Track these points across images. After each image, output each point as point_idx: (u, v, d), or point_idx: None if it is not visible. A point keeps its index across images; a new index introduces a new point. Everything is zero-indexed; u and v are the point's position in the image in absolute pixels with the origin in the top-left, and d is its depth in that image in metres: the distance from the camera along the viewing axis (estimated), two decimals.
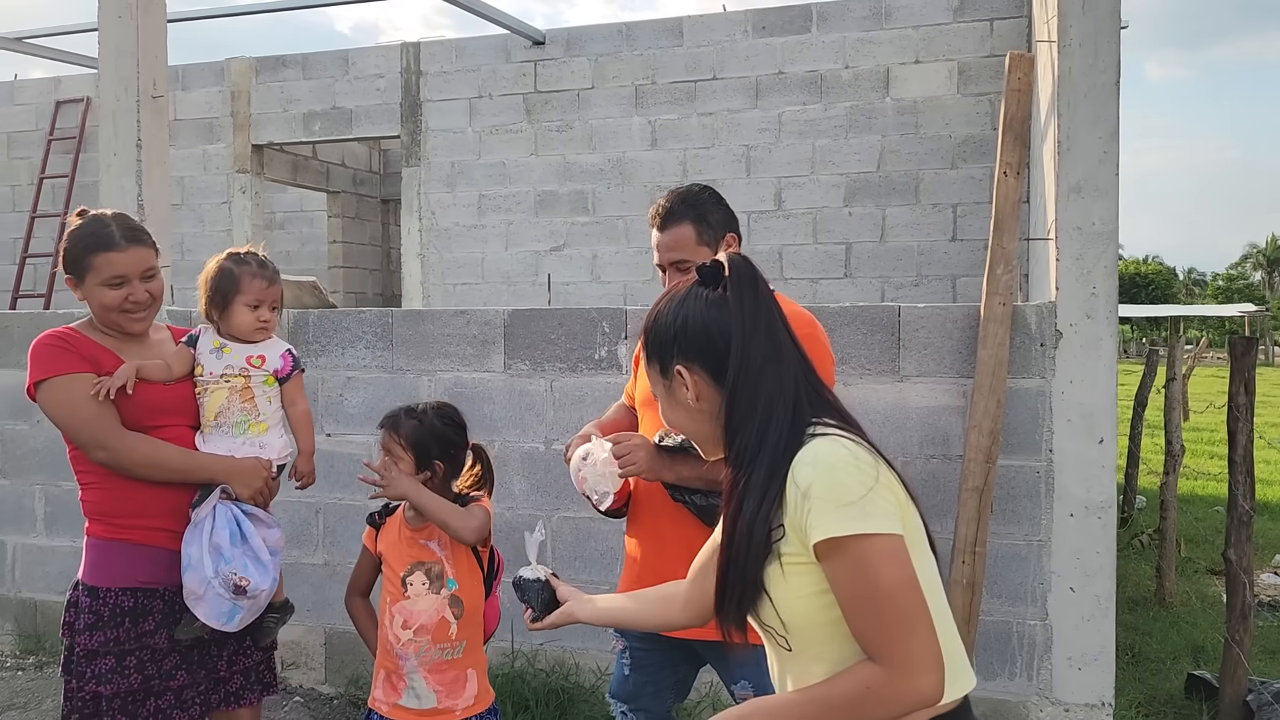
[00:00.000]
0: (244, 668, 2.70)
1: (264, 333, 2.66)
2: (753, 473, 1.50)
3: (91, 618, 2.51)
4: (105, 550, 2.56)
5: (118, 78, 4.59)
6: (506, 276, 9.21)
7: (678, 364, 1.61)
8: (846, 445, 1.48)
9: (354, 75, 9.66)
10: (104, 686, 2.49)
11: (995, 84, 7.69)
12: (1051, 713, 3.48)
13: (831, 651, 1.48)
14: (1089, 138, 3.39)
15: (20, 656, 4.67)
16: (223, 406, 2.61)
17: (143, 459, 2.51)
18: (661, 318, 1.65)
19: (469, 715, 2.54)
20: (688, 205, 2.55)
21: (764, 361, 1.54)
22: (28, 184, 10.88)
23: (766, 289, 1.62)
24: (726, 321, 1.56)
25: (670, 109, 8.64)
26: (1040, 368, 3.47)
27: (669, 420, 1.69)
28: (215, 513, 2.54)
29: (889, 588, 1.38)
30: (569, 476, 3.90)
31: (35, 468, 4.80)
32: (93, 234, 2.54)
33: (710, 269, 1.62)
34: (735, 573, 1.51)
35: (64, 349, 2.52)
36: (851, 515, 1.39)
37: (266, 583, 2.55)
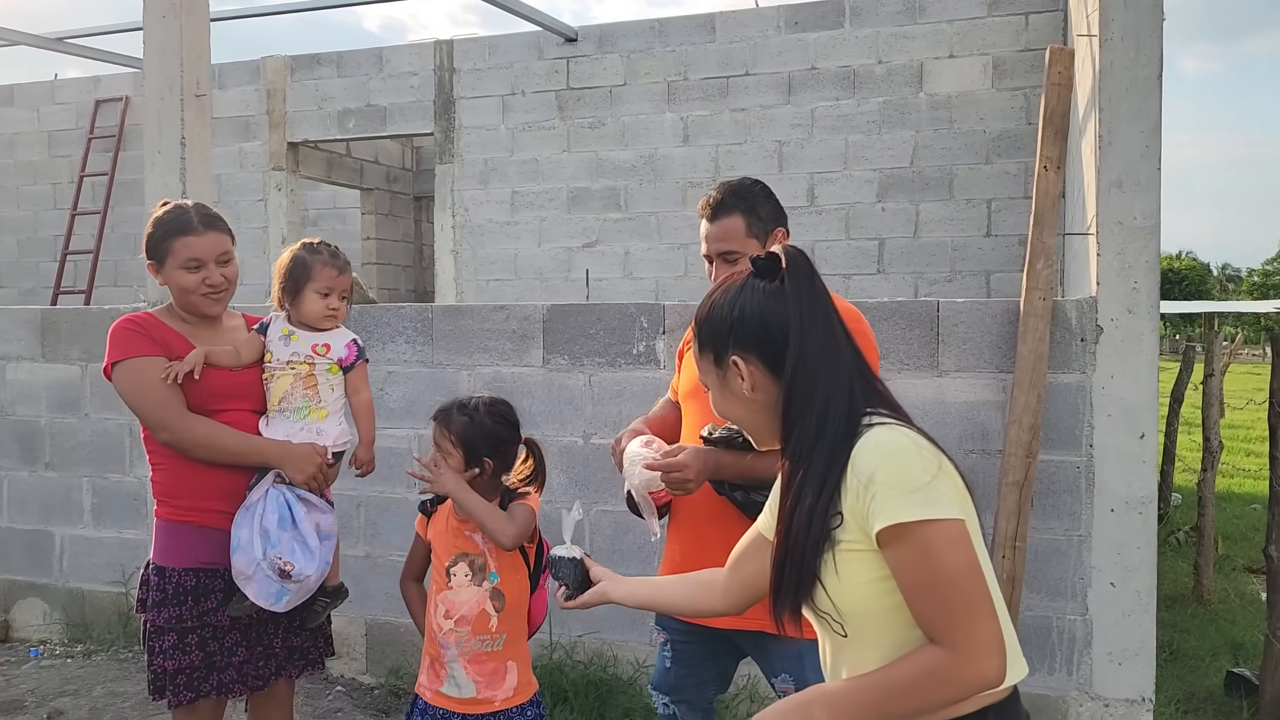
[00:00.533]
0: (294, 645, 2.79)
1: (332, 320, 2.74)
2: (811, 463, 1.52)
3: (159, 595, 2.63)
4: (171, 531, 2.67)
5: (162, 77, 4.67)
6: (539, 273, 9.26)
7: (733, 354, 1.62)
8: (907, 433, 1.50)
9: (388, 73, 9.74)
10: (168, 661, 2.61)
11: (1030, 78, 7.65)
12: (1091, 708, 3.47)
13: (888, 638, 1.49)
14: (1131, 132, 3.38)
15: (69, 645, 4.77)
16: (286, 392, 2.69)
17: (201, 440, 2.59)
18: (717, 308, 1.66)
19: (508, 706, 2.57)
20: (739, 197, 2.56)
21: (821, 353, 1.56)
22: (68, 182, 11.05)
23: (821, 282, 1.64)
24: (784, 313, 1.58)
25: (702, 105, 8.65)
26: (1081, 363, 3.47)
27: (721, 410, 1.71)
28: (267, 496, 2.61)
29: (954, 572, 1.40)
30: (607, 470, 3.96)
31: (83, 460, 4.89)
32: (173, 220, 2.66)
33: (766, 261, 1.64)
34: (793, 562, 1.53)
35: (138, 332, 2.63)
36: (917, 501, 1.41)
37: (312, 568, 2.61)
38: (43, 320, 4.97)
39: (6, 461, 5.04)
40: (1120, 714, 3.45)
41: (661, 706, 2.72)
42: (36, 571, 5.00)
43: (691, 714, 2.69)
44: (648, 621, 3.97)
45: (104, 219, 10.59)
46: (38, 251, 11.34)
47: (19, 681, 4.28)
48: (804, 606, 1.57)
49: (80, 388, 4.88)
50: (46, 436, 4.96)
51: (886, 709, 1.45)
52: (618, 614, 4.04)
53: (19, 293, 11.33)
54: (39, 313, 5.00)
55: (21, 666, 4.50)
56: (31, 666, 4.50)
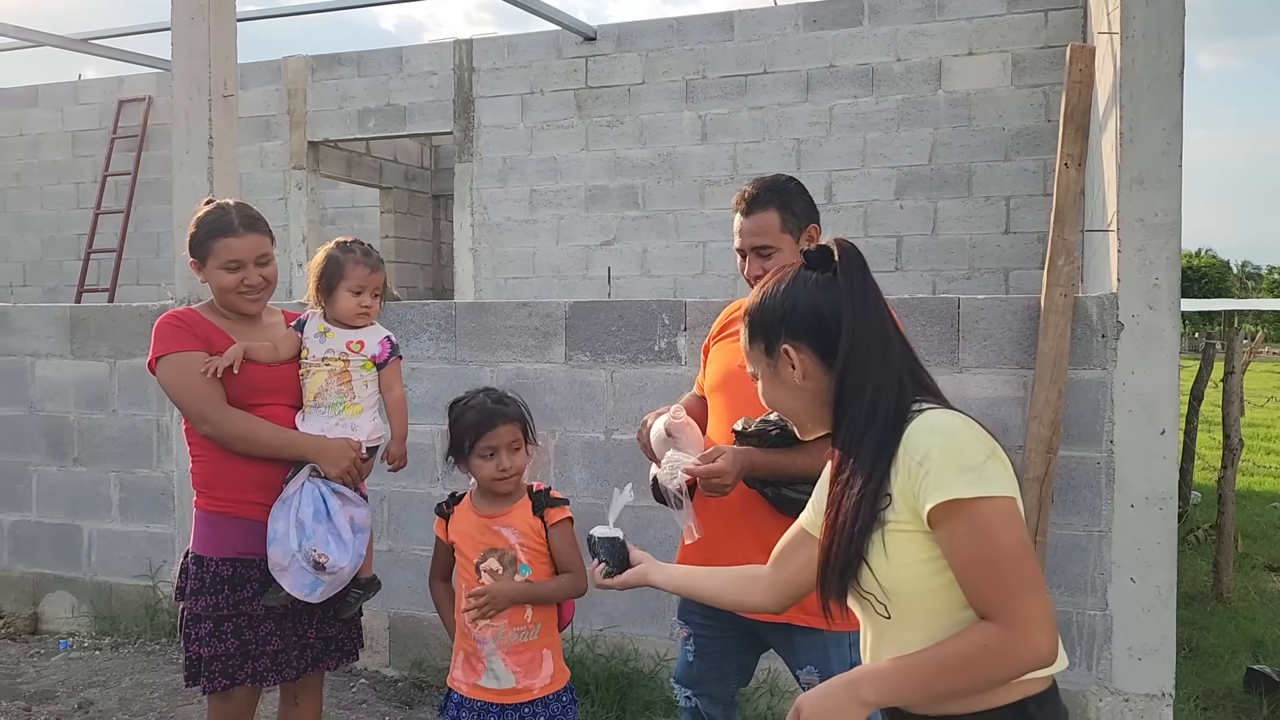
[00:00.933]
0: (327, 636, 2.84)
1: (365, 318, 2.79)
2: (861, 450, 1.56)
3: (196, 584, 2.69)
4: (209, 522, 2.73)
5: (190, 78, 4.73)
6: (557, 271, 9.30)
7: (785, 343, 1.65)
8: (960, 416, 1.55)
9: (407, 72, 9.80)
10: (204, 649, 2.67)
11: (1049, 76, 7.63)
12: (1111, 703, 3.49)
13: (933, 620, 1.51)
14: (1152, 129, 3.39)
15: (97, 637, 4.84)
16: (321, 388, 2.75)
17: (240, 434, 2.66)
18: (769, 299, 1.69)
19: (546, 694, 2.59)
20: (773, 192, 2.60)
21: (873, 342, 1.60)
22: (91, 181, 11.16)
23: (872, 276, 1.67)
24: (836, 303, 1.62)
25: (720, 103, 8.67)
26: (1101, 359, 3.48)
27: (770, 400, 1.74)
28: (303, 490, 2.66)
29: (1009, 548, 1.43)
30: (628, 466, 4.00)
31: (110, 456, 4.96)
32: (215, 220, 2.72)
33: (818, 253, 1.68)
34: (840, 546, 1.56)
35: (181, 328, 2.71)
36: (973, 479, 1.44)
37: (346, 560, 2.66)
38: (71, 317, 5.04)
39: (36, 457, 5.12)
40: (1140, 709, 3.46)
41: (684, 699, 2.74)
42: (65, 565, 5.08)
43: (713, 707, 2.72)
44: (668, 615, 4.00)
45: (127, 218, 10.69)
46: (62, 250, 11.46)
47: (49, 672, 4.35)
48: (849, 590, 1.59)
49: (108, 384, 4.95)
50: (75, 432, 5.03)
51: (938, 686, 1.47)
52: (638, 608, 4.08)
53: (43, 291, 11.44)
54: (68, 310, 5.07)
55: (51, 658, 4.58)
56: (61, 658, 4.57)
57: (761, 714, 3.78)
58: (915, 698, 1.50)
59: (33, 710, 3.89)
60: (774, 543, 2.45)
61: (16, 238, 11.72)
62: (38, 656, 4.61)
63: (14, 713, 3.84)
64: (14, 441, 5.16)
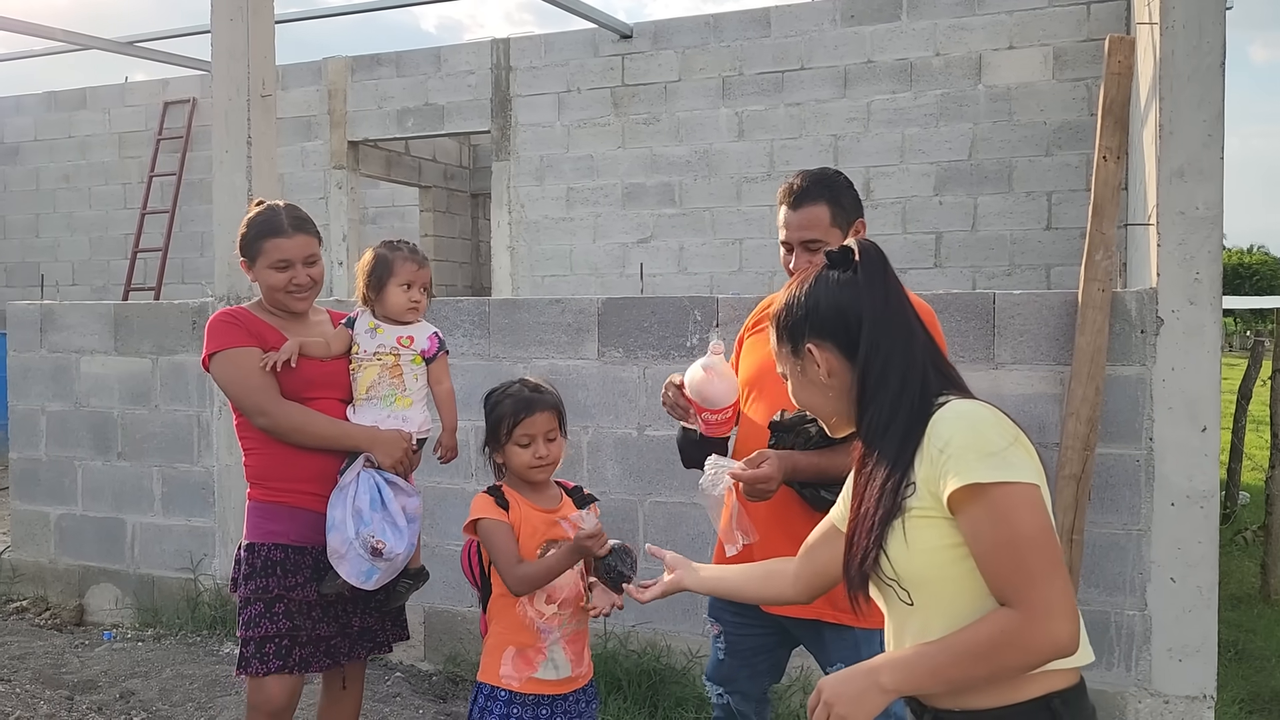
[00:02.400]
0: (368, 625, 2.89)
1: (415, 313, 2.86)
2: (885, 443, 1.58)
3: (248, 569, 2.76)
4: (263, 511, 2.80)
5: (229, 78, 4.79)
6: (594, 268, 9.32)
7: (809, 342, 1.68)
8: (984, 405, 1.56)
9: (446, 72, 9.87)
10: (253, 631, 2.72)
11: (1092, 69, 7.52)
12: (1150, 704, 3.43)
13: (954, 607, 1.50)
14: (1192, 121, 3.33)
15: (139, 629, 4.93)
16: (374, 381, 2.83)
17: (297, 426, 2.74)
18: (793, 300, 1.73)
19: (585, 682, 2.62)
20: (823, 186, 2.55)
21: (894, 339, 1.62)
22: (138, 182, 11.37)
23: (894, 273, 1.69)
24: (858, 301, 1.65)
25: (757, 100, 8.64)
26: (1140, 355, 3.42)
27: (800, 399, 1.77)
28: (359, 479, 2.72)
29: (1031, 533, 1.42)
30: (661, 461, 4.00)
31: (153, 451, 5.05)
32: (265, 221, 2.81)
33: (839, 253, 1.71)
34: (861, 534, 1.58)
35: (235, 325, 2.79)
36: (994, 464, 1.45)
37: (402, 547, 2.72)
38: (115, 315, 5.13)
39: (81, 451, 5.22)
40: (1180, 711, 3.40)
41: (715, 696, 2.74)
42: (109, 558, 5.17)
43: (745, 704, 2.71)
44: (700, 612, 3.99)
45: (172, 218, 10.87)
46: (109, 250, 11.68)
47: (93, 663, 4.44)
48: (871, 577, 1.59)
49: (151, 380, 5.04)
50: (118, 427, 5.12)
51: (956, 674, 1.46)
52: (670, 605, 4.07)
53: (91, 290, 11.67)
54: (112, 307, 5.17)
55: (95, 649, 4.67)
56: (104, 649, 4.66)
57: (794, 712, 3.76)
58: (934, 685, 1.50)
59: (75, 699, 3.97)
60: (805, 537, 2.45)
61: (66, 237, 11.97)
62: (82, 647, 4.70)
63: (57, 701, 3.92)
64: (60, 436, 5.26)
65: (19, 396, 5.38)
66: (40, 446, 5.32)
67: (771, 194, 8.52)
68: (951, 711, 1.54)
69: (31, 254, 12.15)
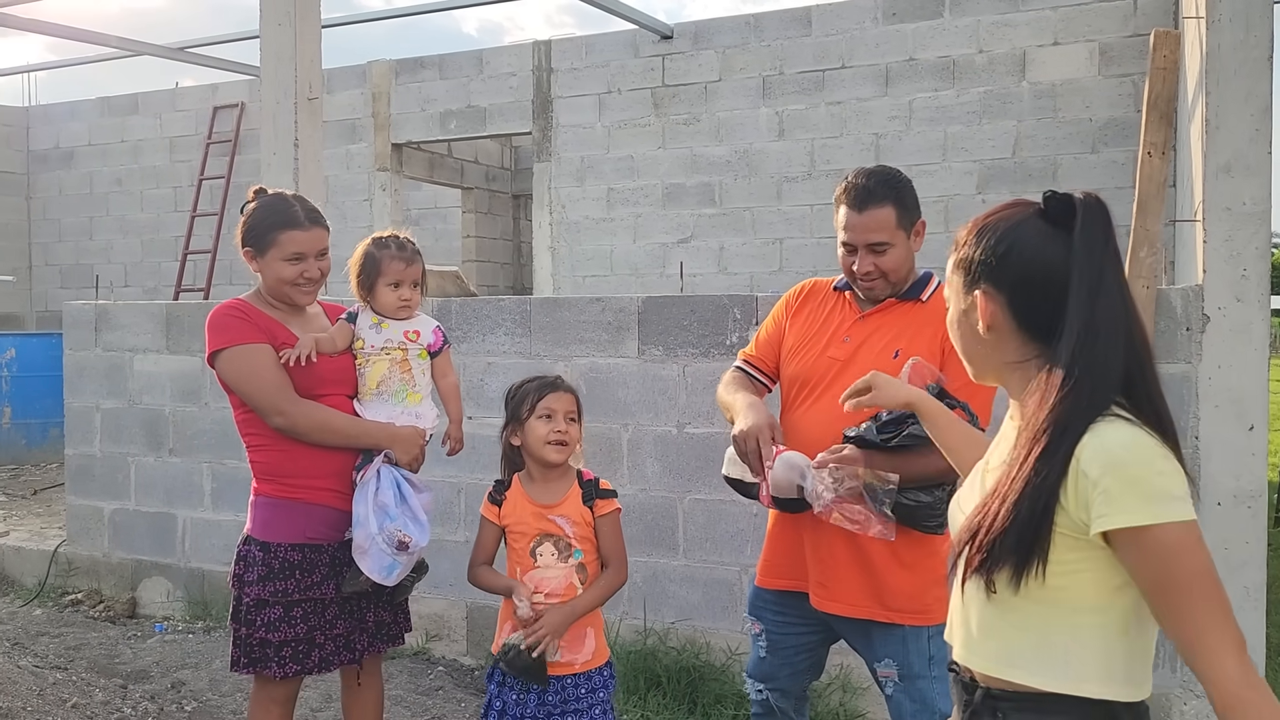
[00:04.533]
0: (381, 619, 2.89)
1: (406, 310, 2.83)
2: (1063, 444, 1.40)
3: (264, 570, 2.71)
4: (276, 508, 2.75)
5: (277, 82, 4.89)
6: (635, 268, 9.35)
7: (982, 288, 1.51)
8: (1153, 441, 1.40)
9: (488, 74, 9.96)
10: (272, 634, 2.70)
11: (1139, 65, 7.40)
12: (1197, 706, 3.39)
13: (1041, 617, 1.45)
14: (1239, 115, 3.29)
15: (190, 621, 5.04)
16: (384, 376, 2.82)
17: (317, 425, 2.71)
18: (987, 232, 1.53)
19: (587, 669, 2.67)
20: (888, 186, 2.48)
21: (1105, 326, 1.42)
22: (188, 185, 11.58)
23: (1116, 243, 1.48)
24: (1060, 265, 1.45)
25: (798, 99, 8.62)
26: (1186, 352, 3.38)
27: (951, 329, 1.61)
28: (379, 475, 2.73)
29: (1191, 577, 1.35)
30: (700, 459, 4.02)
31: (203, 447, 5.16)
32: (279, 212, 2.75)
33: (1061, 202, 1.49)
34: (1019, 527, 1.42)
35: (242, 320, 2.73)
36: (1160, 504, 1.35)
37: (424, 540, 2.75)
38: (167, 314, 5.25)
39: (134, 448, 5.34)
40: None
41: (755, 693, 2.74)
42: (161, 552, 5.29)
43: (785, 701, 2.71)
44: (740, 609, 4.01)
45: (221, 220, 11.07)
46: (160, 252, 11.91)
47: (145, 654, 4.54)
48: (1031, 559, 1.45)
49: (201, 378, 5.15)
50: (170, 424, 5.24)
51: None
52: (710, 601, 4.09)
53: (143, 291, 11.91)
54: (164, 307, 5.29)
55: (147, 640, 4.78)
56: (156, 641, 4.77)
57: (834, 710, 3.76)
58: None
59: (129, 688, 4.07)
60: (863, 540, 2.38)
61: (119, 240, 12.23)
62: (135, 639, 4.81)
63: (112, 689, 4.02)
64: (114, 433, 5.39)
65: (75, 394, 5.52)
66: (95, 443, 5.45)
67: (812, 194, 8.56)
68: (1003, 691, 1.49)
69: (86, 256, 12.43)
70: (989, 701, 1.52)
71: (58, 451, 8.57)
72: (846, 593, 2.48)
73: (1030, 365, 1.50)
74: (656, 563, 4.18)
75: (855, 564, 2.47)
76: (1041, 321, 1.46)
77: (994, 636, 1.50)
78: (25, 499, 7.54)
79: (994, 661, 1.51)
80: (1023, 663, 1.47)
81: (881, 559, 2.45)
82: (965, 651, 1.56)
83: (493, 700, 2.70)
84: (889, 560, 2.45)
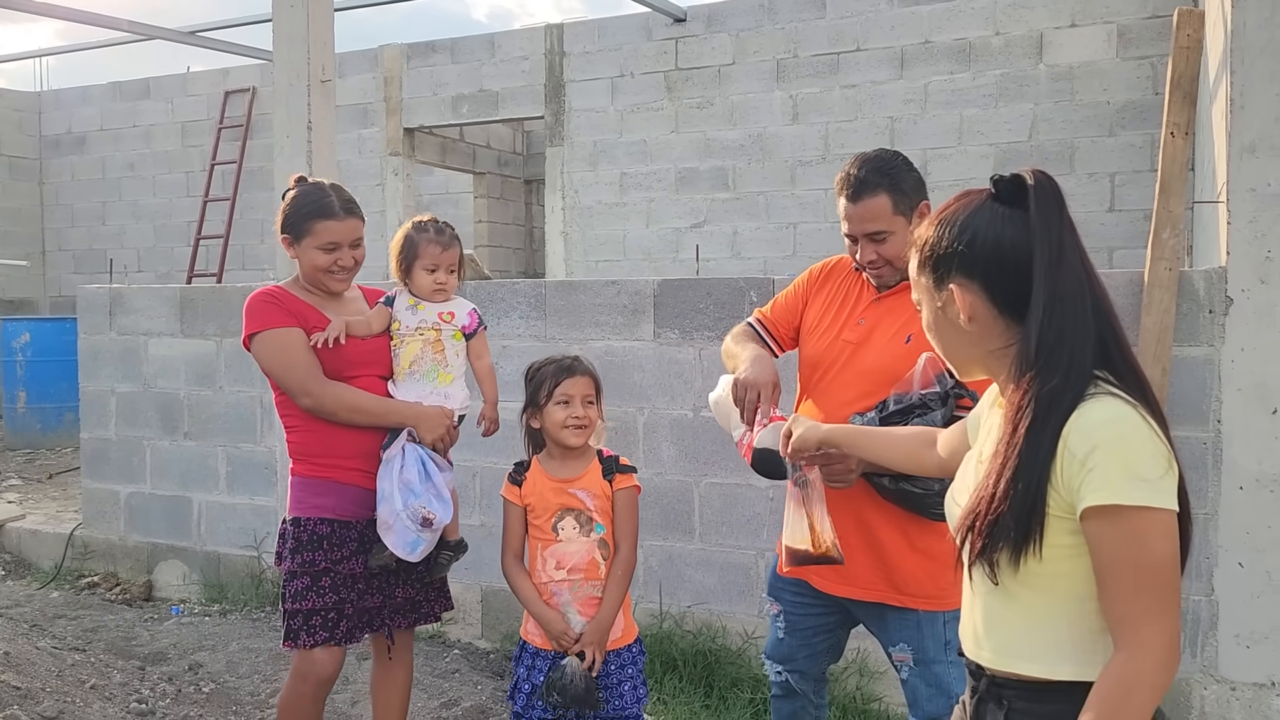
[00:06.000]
0: (411, 596, 2.93)
1: (442, 293, 2.87)
2: (1050, 421, 1.40)
3: (293, 543, 2.79)
4: (308, 487, 2.83)
5: (290, 64, 4.87)
6: (648, 253, 9.33)
7: (955, 281, 1.51)
8: (1139, 414, 1.40)
9: (499, 58, 9.92)
10: (301, 604, 2.76)
11: (1157, 47, 7.34)
12: (1217, 691, 3.37)
13: (1043, 600, 1.46)
14: (1265, 94, 3.24)
15: (206, 604, 5.05)
16: (417, 356, 2.86)
17: (344, 404, 2.77)
18: (944, 225, 1.53)
19: (615, 647, 2.67)
20: (881, 173, 2.44)
21: (1073, 295, 1.43)
22: (200, 170, 11.59)
23: (1069, 215, 1.49)
24: (1024, 244, 1.46)
25: (812, 82, 8.56)
26: (1208, 335, 3.35)
27: (930, 332, 1.61)
28: (404, 452, 2.77)
29: (1158, 563, 1.37)
30: (716, 443, 4.00)
31: (218, 430, 5.17)
32: (315, 201, 2.81)
33: (1008, 183, 1.50)
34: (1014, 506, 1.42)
35: (275, 305, 2.81)
36: (1142, 489, 1.36)
37: (449, 517, 2.78)
38: (181, 298, 5.25)
39: (149, 431, 5.36)
40: (1247, 698, 3.34)
41: (774, 675, 2.74)
42: (176, 535, 5.31)
43: (804, 683, 2.70)
44: (756, 593, 4.00)
45: (233, 205, 11.08)
46: (173, 237, 11.93)
47: (162, 636, 4.56)
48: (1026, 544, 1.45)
49: (215, 362, 5.15)
50: (185, 408, 5.25)
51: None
52: (725, 587, 4.08)
53: (155, 276, 11.94)
54: (178, 291, 5.29)
55: (164, 623, 4.80)
56: (173, 623, 4.79)
57: (850, 694, 3.76)
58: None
59: (147, 670, 4.08)
60: (874, 525, 2.43)
61: (131, 225, 12.25)
62: (151, 621, 4.83)
63: (130, 671, 4.03)
64: (129, 416, 5.41)
65: (90, 378, 5.53)
66: (110, 427, 5.47)
67: (826, 178, 8.50)
68: (1009, 679, 1.50)
69: (99, 241, 12.46)
70: (994, 689, 1.53)
71: (72, 436, 8.62)
72: (859, 576, 2.48)
73: (1014, 349, 1.50)
74: (672, 546, 4.17)
75: (866, 548, 2.46)
76: (1018, 301, 1.47)
77: (1000, 629, 1.51)
78: (41, 483, 7.58)
79: (1001, 655, 1.51)
80: (1030, 654, 1.47)
81: (893, 543, 2.44)
82: (975, 647, 1.57)
83: (520, 683, 2.71)
84: (901, 545, 2.44)
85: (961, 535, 1.50)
